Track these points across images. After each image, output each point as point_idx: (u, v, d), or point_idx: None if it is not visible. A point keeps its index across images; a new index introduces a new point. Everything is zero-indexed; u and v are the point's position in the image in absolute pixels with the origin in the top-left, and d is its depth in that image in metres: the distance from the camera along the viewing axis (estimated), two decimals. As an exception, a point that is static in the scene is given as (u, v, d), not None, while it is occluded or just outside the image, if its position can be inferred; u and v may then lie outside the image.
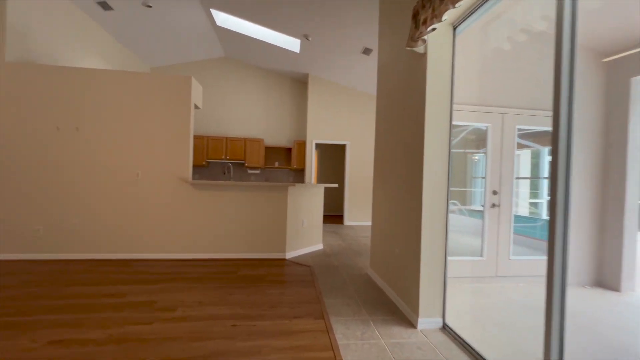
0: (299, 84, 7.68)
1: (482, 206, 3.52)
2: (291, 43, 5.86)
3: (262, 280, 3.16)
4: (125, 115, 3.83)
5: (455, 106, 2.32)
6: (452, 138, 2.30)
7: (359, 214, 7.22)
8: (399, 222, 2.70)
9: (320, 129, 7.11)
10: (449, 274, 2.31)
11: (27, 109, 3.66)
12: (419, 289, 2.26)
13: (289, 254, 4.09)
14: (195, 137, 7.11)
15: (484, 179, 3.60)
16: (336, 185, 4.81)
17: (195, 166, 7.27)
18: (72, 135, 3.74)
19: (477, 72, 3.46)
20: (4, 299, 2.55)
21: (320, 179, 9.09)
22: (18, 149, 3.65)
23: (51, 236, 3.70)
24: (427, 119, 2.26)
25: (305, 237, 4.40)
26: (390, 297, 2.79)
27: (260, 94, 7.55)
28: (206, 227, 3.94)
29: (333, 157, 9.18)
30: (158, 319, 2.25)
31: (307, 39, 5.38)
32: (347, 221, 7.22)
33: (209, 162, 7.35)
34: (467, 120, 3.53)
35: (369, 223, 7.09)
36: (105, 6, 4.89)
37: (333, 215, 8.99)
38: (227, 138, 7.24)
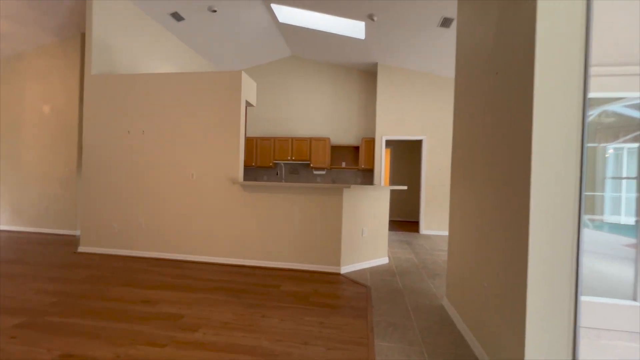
0: (367, 76, 6.99)
1: (637, 220, 2.26)
2: (355, 28, 5.25)
3: (305, 301, 2.63)
4: (180, 115, 3.84)
5: (594, 69, 1.37)
6: (585, 119, 1.36)
7: (438, 222, 6.10)
8: (489, 241, 1.82)
9: (391, 124, 6.27)
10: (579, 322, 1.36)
11: (106, 116, 3.99)
12: (523, 347, 1.39)
13: (345, 268, 3.49)
14: (262, 139, 7.13)
15: (634, 180, 2.34)
16: (405, 187, 3.98)
17: (260, 167, 7.31)
18: (139, 138, 3.92)
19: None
20: (61, 293, 2.65)
21: (393, 181, 8.17)
22: (98, 152, 4.01)
23: (124, 233, 3.95)
24: (539, 93, 1.37)
25: (366, 249, 3.72)
26: (474, 350, 1.92)
27: (326, 91, 7.15)
28: (255, 231, 3.65)
29: (407, 155, 8.15)
30: (174, 341, 1.94)
31: (372, 20, 4.68)
32: (424, 229, 6.17)
33: (275, 164, 7.30)
34: (616, 89, 2.28)
35: (451, 233, 5.90)
36: (177, 17, 5.16)
37: (407, 221, 7.96)
38: (292, 138, 7.05)
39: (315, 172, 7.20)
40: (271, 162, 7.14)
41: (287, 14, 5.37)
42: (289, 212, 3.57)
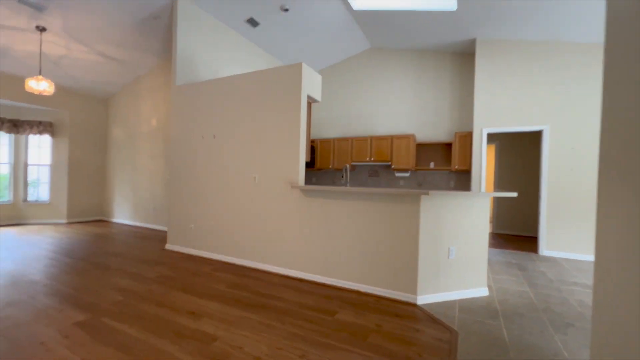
0: (462, 58, 5.78)
1: None
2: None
3: (361, 342, 2.03)
4: (244, 116, 3.74)
5: None
6: None
7: (568, 240, 4.49)
8: None
9: (496, 113, 4.96)
10: None
11: (186, 122, 4.24)
12: None
13: (423, 298, 2.70)
14: (340, 140, 6.72)
15: None
16: (514, 194, 2.90)
17: (338, 169, 6.90)
18: (211, 142, 4.01)
19: None
20: (129, 292, 2.76)
21: (500, 185, 6.59)
22: (180, 157, 4.29)
23: (198, 234, 4.10)
24: None
25: (454, 274, 2.83)
26: None
27: (409, 82, 6.25)
28: (315, 241, 3.21)
29: (519, 152, 6.45)
30: (193, 374, 1.65)
31: (465, -19, 3.69)
32: (545, 250, 4.64)
33: (354, 166, 6.79)
34: None
35: (586, 257, 4.22)
36: (253, 22, 5.24)
37: (519, 236, 6.27)
38: (371, 137, 6.41)
39: (398, 174, 6.37)
40: (348, 164, 6.66)
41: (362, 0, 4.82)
42: (353, 222, 3.01)
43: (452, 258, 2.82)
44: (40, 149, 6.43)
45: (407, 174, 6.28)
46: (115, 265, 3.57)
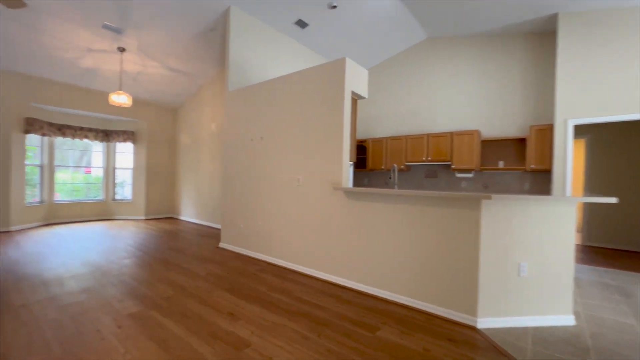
0: (538, 39, 4.93)
1: None
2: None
3: (404, 367, 1.76)
4: (288, 116, 3.71)
5: None
6: None
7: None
8: None
9: (584, 100, 4.09)
10: None
11: (238, 126, 4.40)
12: None
13: (485, 321, 2.28)
14: (393, 139, 6.34)
15: None
16: (614, 199, 2.29)
17: (390, 171, 6.49)
18: (258, 144, 4.08)
19: None
20: (179, 288, 2.91)
21: (591, 187, 5.46)
22: (232, 159, 4.46)
23: (247, 234, 4.20)
24: None
25: (527, 296, 2.34)
26: None
27: (473, 71, 5.58)
28: (360, 247, 3.00)
29: (620, 147, 5.25)
30: (220, 382, 1.60)
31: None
32: (660, 270, 3.64)
33: (409, 166, 6.33)
34: None
35: None
36: (302, 24, 5.23)
37: (622, 251, 5.10)
38: (428, 135, 5.89)
39: (459, 175, 5.73)
40: (403, 164, 6.23)
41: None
42: (402, 227, 2.71)
43: (524, 275, 2.33)
44: (125, 154, 7.42)
45: (470, 175, 5.61)
46: (173, 260, 3.85)
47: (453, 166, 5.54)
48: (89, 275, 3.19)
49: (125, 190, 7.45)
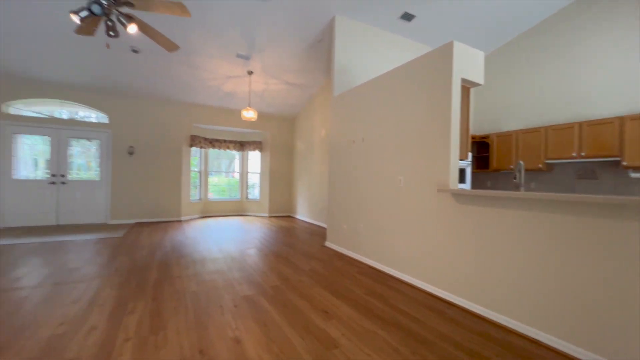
0: None
1: None
2: None
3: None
4: (391, 114, 3.54)
5: None
6: None
7: None
8: None
9: None
10: None
11: (342, 129, 4.53)
12: None
13: (674, 389, 1.54)
14: (526, 132, 5.19)
15: None
16: None
17: (528, 171, 5.31)
18: (360, 145, 4.08)
19: None
20: (285, 280, 3.20)
21: None
22: (337, 161, 4.62)
23: (350, 235, 4.26)
24: None
25: None
26: None
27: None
28: (471, 260, 2.55)
29: None
30: (305, 375, 1.65)
31: None
32: None
33: (550, 165, 5.04)
34: None
35: None
36: (408, 17, 4.95)
37: None
38: (580, 124, 4.54)
39: (634, 175, 4.16)
40: (541, 162, 5.01)
41: None
42: (528, 240, 2.16)
43: None
44: (254, 161, 8.80)
45: (655, 175, 4.00)
46: (284, 254, 4.28)
47: (625, 163, 4.07)
48: (222, 260, 3.91)
49: (255, 191, 8.82)
